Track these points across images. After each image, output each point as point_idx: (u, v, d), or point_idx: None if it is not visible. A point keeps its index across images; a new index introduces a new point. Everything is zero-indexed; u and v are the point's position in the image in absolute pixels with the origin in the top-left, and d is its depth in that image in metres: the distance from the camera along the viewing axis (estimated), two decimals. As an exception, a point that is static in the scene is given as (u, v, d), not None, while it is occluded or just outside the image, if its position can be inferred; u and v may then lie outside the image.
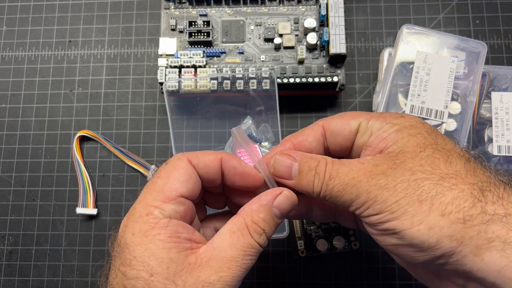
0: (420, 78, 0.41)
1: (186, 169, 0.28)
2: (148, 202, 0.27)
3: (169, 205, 0.27)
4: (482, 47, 0.41)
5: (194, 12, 0.47)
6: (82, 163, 0.47)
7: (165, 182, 0.28)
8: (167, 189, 0.27)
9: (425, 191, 0.24)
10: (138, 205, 0.27)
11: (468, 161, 0.26)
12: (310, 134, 0.31)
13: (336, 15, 0.44)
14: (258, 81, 0.44)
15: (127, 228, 0.27)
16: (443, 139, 0.27)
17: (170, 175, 0.28)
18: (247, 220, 0.27)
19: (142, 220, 0.26)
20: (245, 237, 0.26)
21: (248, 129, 0.43)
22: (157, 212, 0.26)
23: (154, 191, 0.27)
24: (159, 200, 0.27)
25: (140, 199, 0.28)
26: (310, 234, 0.44)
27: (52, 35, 0.52)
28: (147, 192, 0.28)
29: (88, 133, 0.48)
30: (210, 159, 0.29)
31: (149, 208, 0.27)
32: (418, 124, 0.28)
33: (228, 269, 0.25)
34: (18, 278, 0.46)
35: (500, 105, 0.42)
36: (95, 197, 0.47)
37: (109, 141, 0.48)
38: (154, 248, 0.25)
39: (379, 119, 0.28)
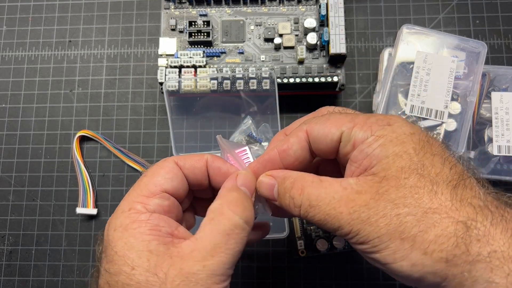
0: (420, 78, 0.41)
1: (171, 168, 0.29)
2: (131, 198, 0.27)
3: (153, 199, 0.27)
4: (482, 47, 0.41)
5: (194, 12, 0.47)
6: (82, 163, 0.47)
7: (149, 179, 0.28)
8: (151, 185, 0.28)
9: (408, 228, 0.23)
10: (122, 202, 0.28)
11: (455, 187, 0.24)
12: (295, 142, 0.30)
13: (336, 15, 0.44)
14: (258, 81, 0.44)
15: (109, 225, 0.27)
16: (431, 159, 0.25)
17: (155, 173, 0.29)
18: (223, 203, 0.27)
19: (124, 215, 0.26)
20: (224, 219, 0.26)
21: (248, 129, 0.43)
22: (139, 207, 0.27)
23: (139, 188, 0.28)
24: (143, 195, 0.27)
25: (125, 197, 0.28)
26: (310, 234, 0.44)
27: (52, 35, 0.52)
28: (131, 189, 0.28)
29: (88, 133, 0.48)
30: (196, 160, 0.30)
31: (132, 203, 0.27)
32: (405, 138, 0.25)
33: (211, 257, 0.25)
34: (18, 278, 0.46)
35: (500, 105, 0.42)
36: (95, 197, 0.47)
37: (109, 141, 0.48)
38: (133, 241, 0.25)
39: (363, 128, 0.26)
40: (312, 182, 0.27)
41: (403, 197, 0.24)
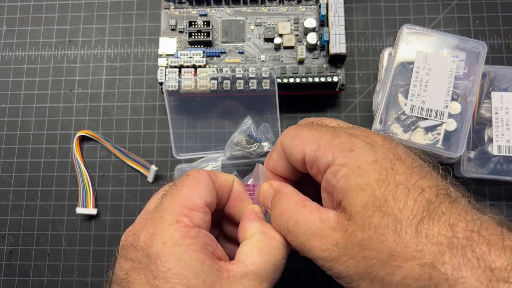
0: (420, 78, 0.41)
1: (208, 181, 0.28)
2: (176, 210, 0.26)
3: (198, 213, 0.26)
4: (482, 47, 0.41)
5: (194, 12, 0.47)
6: (82, 163, 0.47)
7: (191, 191, 0.27)
8: (195, 197, 0.27)
9: (375, 270, 0.23)
10: (166, 212, 0.26)
11: (420, 223, 0.23)
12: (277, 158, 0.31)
13: (336, 15, 0.44)
14: (258, 81, 0.44)
15: (155, 237, 0.25)
16: (394, 193, 0.24)
17: (196, 185, 0.28)
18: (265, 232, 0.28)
19: (173, 228, 0.25)
20: (276, 252, 0.27)
21: (248, 129, 0.43)
22: (187, 221, 0.26)
23: (180, 198, 0.27)
24: (188, 207, 0.26)
25: (166, 206, 0.26)
26: None
27: (52, 35, 0.52)
28: (173, 199, 0.27)
29: (88, 133, 0.48)
30: (225, 178, 0.30)
31: (179, 216, 0.26)
32: (367, 167, 0.24)
33: (260, 285, 0.26)
34: (18, 278, 0.46)
35: (500, 105, 0.42)
36: (95, 197, 0.47)
37: (109, 141, 0.48)
38: (188, 259, 0.24)
39: (325, 153, 0.26)
40: (295, 205, 0.27)
41: (369, 238, 0.23)
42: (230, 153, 0.43)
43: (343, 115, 0.48)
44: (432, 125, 0.40)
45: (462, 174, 0.42)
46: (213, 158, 0.43)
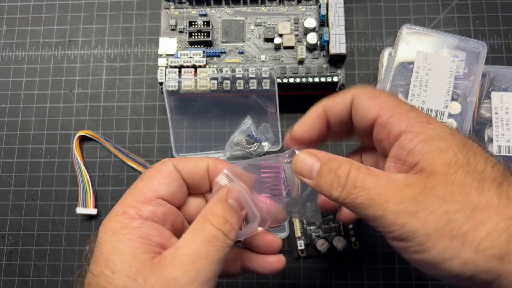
0: (420, 78, 0.41)
1: (169, 172, 0.28)
2: (126, 202, 0.27)
3: (147, 206, 0.27)
4: (482, 47, 0.41)
5: (194, 12, 0.47)
6: (82, 163, 0.47)
7: (146, 184, 0.28)
8: (146, 190, 0.27)
9: (457, 226, 0.23)
10: (117, 205, 0.27)
11: (500, 185, 0.24)
12: (340, 102, 0.30)
13: (336, 15, 0.44)
14: (258, 81, 0.44)
15: (101, 227, 0.26)
16: (475, 157, 0.24)
17: (152, 177, 0.28)
18: (206, 214, 0.26)
19: (116, 219, 0.26)
20: (206, 229, 0.26)
21: (248, 129, 0.43)
22: (132, 212, 0.26)
23: (135, 192, 0.28)
24: (138, 200, 0.27)
25: (120, 201, 0.28)
26: (310, 234, 0.44)
27: (52, 35, 0.52)
28: (127, 193, 0.28)
29: (88, 133, 0.48)
30: (195, 163, 0.29)
31: (126, 207, 0.26)
32: (446, 136, 0.25)
33: (193, 263, 0.24)
34: (18, 278, 0.46)
35: (500, 105, 0.42)
36: (95, 197, 0.47)
37: (109, 141, 0.48)
38: (120, 246, 0.25)
39: (401, 120, 0.26)
40: (359, 167, 0.26)
41: (451, 193, 0.23)
42: (230, 153, 0.43)
43: (343, 115, 0.48)
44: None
45: (462, 174, 0.42)
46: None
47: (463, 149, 0.24)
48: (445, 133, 0.25)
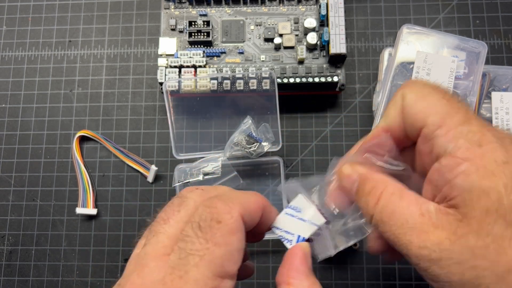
0: (420, 78, 0.41)
1: (242, 231, 0.23)
2: (207, 281, 0.21)
3: (228, 281, 0.22)
4: (482, 47, 0.41)
5: (194, 12, 0.47)
6: (82, 163, 0.47)
7: (225, 253, 0.22)
8: (229, 263, 0.22)
9: (484, 284, 0.20)
10: (194, 284, 0.21)
11: None
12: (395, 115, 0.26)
13: (336, 15, 0.44)
14: (258, 81, 0.44)
15: None
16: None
17: (229, 242, 0.22)
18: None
19: None
20: None
21: (248, 128, 0.43)
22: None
23: (214, 265, 0.22)
24: (218, 276, 0.22)
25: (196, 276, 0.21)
26: None
27: (52, 35, 0.52)
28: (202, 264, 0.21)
29: (88, 133, 0.48)
30: (256, 210, 0.25)
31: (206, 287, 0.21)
32: (496, 169, 0.21)
33: None
34: (18, 278, 0.46)
35: (500, 105, 0.42)
36: (95, 197, 0.47)
37: (109, 141, 0.48)
38: None
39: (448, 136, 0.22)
40: (391, 195, 0.24)
41: (484, 247, 0.20)
42: (230, 153, 0.43)
43: (343, 115, 0.48)
44: None
45: (462, 174, 0.42)
46: (213, 158, 0.43)
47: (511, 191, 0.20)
48: (495, 164, 0.21)
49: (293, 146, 0.48)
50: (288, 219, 0.27)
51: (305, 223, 0.26)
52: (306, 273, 0.25)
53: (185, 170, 0.44)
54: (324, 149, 0.47)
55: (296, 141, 0.48)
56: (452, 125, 0.22)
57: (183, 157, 0.44)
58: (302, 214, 0.27)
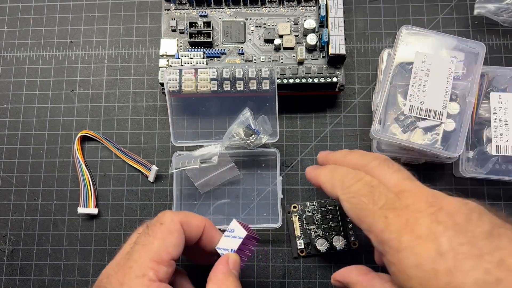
0: (419, 78, 0.41)
1: (180, 233, 0.31)
2: (144, 263, 0.29)
3: (163, 267, 0.29)
4: (480, 47, 0.41)
5: (194, 13, 0.48)
6: (83, 163, 0.47)
7: (161, 244, 0.30)
8: (163, 252, 0.30)
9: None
10: (135, 264, 0.29)
11: None
12: None
13: (335, 16, 0.45)
14: (258, 82, 0.45)
15: (123, 287, 0.28)
16: None
17: (166, 238, 0.30)
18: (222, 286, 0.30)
19: (138, 282, 0.28)
20: None
21: (247, 120, 0.43)
22: (151, 274, 0.29)
23: (150, 251, 0.30)
24: (155, 261, 0.29)
25: (136, 258, 0.29)
26: (310, 233, 0.44)
27: (53, 36, 0.52)
28: (143, 251, 0.30)
29: (89, 133, 0.48)
30: (198, 225, 0.33)
31: (145, 269, 0.29)
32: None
33: None
34: (19, 277, 0.46)
35: (499, 105, 0.42)
36: (96, 197, 0.47)
37: (110, 141, 0.48)
38: None
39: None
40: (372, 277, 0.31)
41: None
42: (229, 143, 0.43)
43: (342, 115, 0.48)
44: (431, 126, 0.41)
45: (461, 174, 0.43)
46: (211, 148, 0.44)
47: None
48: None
49: (293, 146, 0.48)
50: (226, 240, 0.35)
51: (235, 239, 0.35)
52: (226, 273, 0.31)
53: (183, 157, 0.44)
54: (323, 149, 0.48)
55: (296, 141, 0.48)
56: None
57: (181, 144, 0.45)
58: (234, 233, 0.35)
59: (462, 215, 0.25)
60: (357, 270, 0.33)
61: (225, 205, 0.46)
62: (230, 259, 0.33)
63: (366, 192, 0.29)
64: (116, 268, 0.30)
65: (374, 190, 0.29)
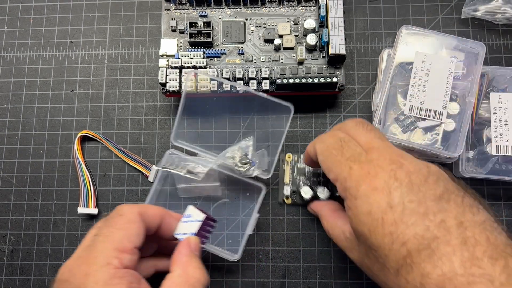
0: (419, 78, 0.41)
1: (139, 223, 0.32)
2: (108, 253, 0.30)
3: (127, 255, 0.30)
4: (480, 47, 0.41)
5: (194, 13, 0.48)
6: (83, 163, 0.47)
7: (123, 234, 0.31)
8: (126, 241, 0.31)
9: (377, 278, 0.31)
10: (99, 254, 0.30)
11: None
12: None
13: (335, 16, 0.45)
14: (258, 82, 0.45)
15: (88, 277, 0.29)
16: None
17: (128, 227, 0.32)
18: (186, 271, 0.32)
19: (104, 270, 0.29)
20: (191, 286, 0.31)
21: (247, 148, 0.42)
22: (116, 262, 0.29)
23: (113, 241, 0.31)
24: (118, 250, 0.30)
25: (100, 248, 0.30)
26: (298, 183, 0.45)
27: (53, 36, 0.52)
28: (106, 241, 0.31)
29: (89, 133, 0.48)
30: (155, 214, 0.34)
31: (109, 258, 0.30)
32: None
33: None
34: (19, 277, 0.46)
35: (499, 105, 0.42)
36: (96, 197, 0.47)
37: (110, 141, 0.48)
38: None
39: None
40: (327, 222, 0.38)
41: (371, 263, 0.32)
42: (223, 162, 0.43)
43: (342, 115, 0.48)
44: (430, 126, 0.41)
45: (461, 174, 0.43)
46: (205, 161, 0.43)
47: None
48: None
49: (293, 146, 0.48)
50: (184, 225, 0.36)
51: (194, 223, 0.36)
52: (188, 255, 0.33)
53: (174, 158, 0.44)
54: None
55: (296, 141, 0.48)
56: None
57: (180, 144, 0.45)
58: (192, 218, 0.36)
59: (419, 176, 0.28)
60: (329, 206, 0.38)
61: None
62: (192, 241, 0.34)
63: (337, 146, 0.32)
64: (79, 261, 0.30)
65: (344, 144, 0.32)
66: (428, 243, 0.25)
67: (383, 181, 0.28)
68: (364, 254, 0.30)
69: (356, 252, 0.32)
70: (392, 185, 0.27)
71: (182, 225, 0.36)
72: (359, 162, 0.30)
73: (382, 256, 0.27)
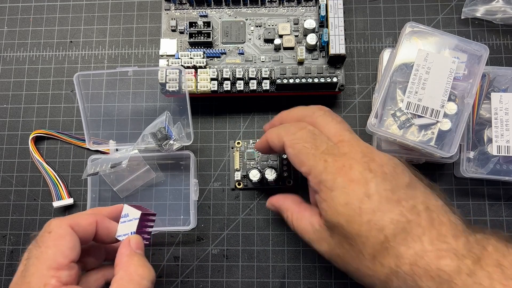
0: (419, 76, 0.41)
1: (71, 235, 0.31)
2: (43, 273, 0.28)
3: (64, 272, 0.29)
4: (484, 50, 0.41)
5: (194, 13, 0.48)
6: (43, 161, 0.48)
7: (55, 251, 0.29)
8: (60, 257, 0.29)
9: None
10: (33, 278, 0.29)
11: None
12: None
13: (335, 16, 0.44)
14: (258, 82, 0.45)
15: None
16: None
17: (59, 244, 0.30)
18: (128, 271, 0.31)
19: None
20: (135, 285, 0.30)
21: (162, 123, 0.43)
22: (54, 281, 0.28)
23: (47, 261, 0.29)
24: (54, 268, 0.29)
25: (33, 271, 0.29)
26: (248, 169, 0.46)
27: (53, 36, 0.52)
28: (38, 263, 0.29)
29: (43, 132, 0.48)
30: (88, 222, 0.32)
31: (46, 278, 0.28)
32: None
33: None
34: (19, 277, 0.46)
35: (500, 105, 0.42)
36: (67, 188, 0.47)
37: (64, 134, 0.49)
38: None
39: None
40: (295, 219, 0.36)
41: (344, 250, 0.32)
42: (144, 145, 0.44)
43: (342, 115, 0.48)
44: (426, 123, 0.40)
45: (461, 174, 0.42)
46: (125, 153, 0.44)
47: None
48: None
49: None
50: (124, 226, 0.35)
51: (132, 221, 0.35)
52: (129, 255, 0.32)
53: (98, 162, 0.45)
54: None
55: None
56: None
57: (96, 148, 0.46)
58: (129, 217, 0.35)
59: (389, 167, 0.30)
60: (292, 199, 0.38)
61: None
62: (132, 240, 0.33)
63: (309, 139, 0.32)
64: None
65: (316, 137, 0.32)
66: (403, 226, 0.28)
67: (359, 173, 0.29)
68: (336, 245, 0.31)
69: (325, 244, 0.32)
70: (367, 176, 0.29)
71: (122, 226, 0.35)
72: (333, 155, 0.31)
73: (359, 244, 0.29)
